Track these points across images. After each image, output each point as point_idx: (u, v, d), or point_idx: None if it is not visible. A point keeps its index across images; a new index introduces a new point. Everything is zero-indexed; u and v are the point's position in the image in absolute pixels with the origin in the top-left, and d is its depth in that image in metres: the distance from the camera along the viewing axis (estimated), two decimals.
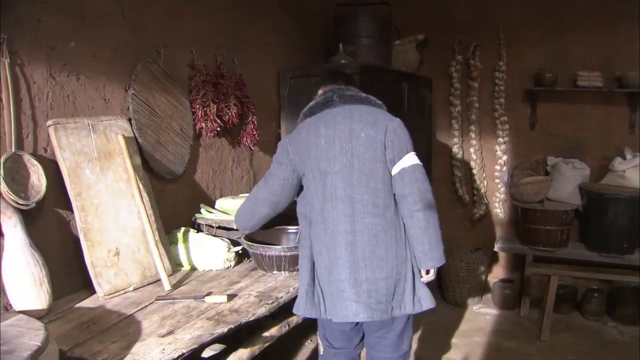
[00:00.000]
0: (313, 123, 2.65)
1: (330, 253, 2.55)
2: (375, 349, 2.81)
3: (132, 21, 2.97)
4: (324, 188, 2.56)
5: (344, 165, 2.53)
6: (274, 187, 2.72)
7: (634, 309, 4.66)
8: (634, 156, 4.72)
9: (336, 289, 2.54)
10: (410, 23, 5.18)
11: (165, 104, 3.18)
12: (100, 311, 2.39)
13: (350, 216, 2.52)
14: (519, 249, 4.98)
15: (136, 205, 2.76)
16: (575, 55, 5.03)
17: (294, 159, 2.64)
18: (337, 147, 2.55)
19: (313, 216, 2.63)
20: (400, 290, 2.57)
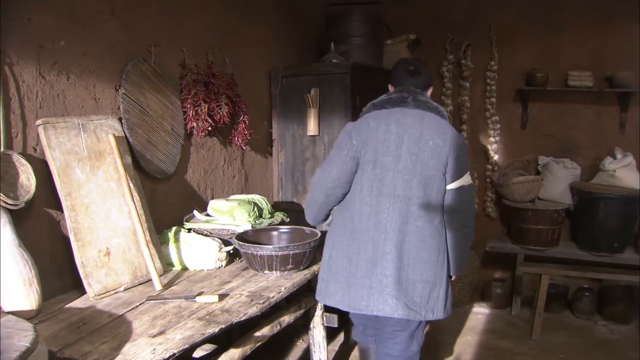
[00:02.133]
0: (384, 117, 2.71)
1: (377, 247, 2.62)
2: (385, 345, 2.88)
3: (122, 20, 2.95)
4: (382, 183, 2.63)
5: (407, 166, 2.62)
6: (331, 173, 2.71)
7: (625, 308, 4.68)
8: (624, 156, 4.73)
9: (378, 282, 2.60)
10: (402, 22, 5.18)
11: (156, 104, 3.16)
12: (90, 311, 2.38)
13: (405, 216, 2.61)
14: (511, 248, 4.98)
15: (127, 205, 2.75)
16: (567, 55, 5.05)
17: (357, 145, 2.68)
18: (405, 147, 2.63)
19: (362, 208, 2.67)
20: (435, 295, 2.66)
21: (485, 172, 5.34)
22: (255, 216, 3.30)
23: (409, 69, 2.90)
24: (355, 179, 2.71)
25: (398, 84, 2.89)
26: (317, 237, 2.99)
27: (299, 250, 2.86)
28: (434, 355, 4.05)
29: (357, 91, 4.03)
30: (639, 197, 4.65)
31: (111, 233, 2.68)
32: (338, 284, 2.70)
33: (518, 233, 4.91)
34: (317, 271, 3.02)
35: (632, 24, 4.82)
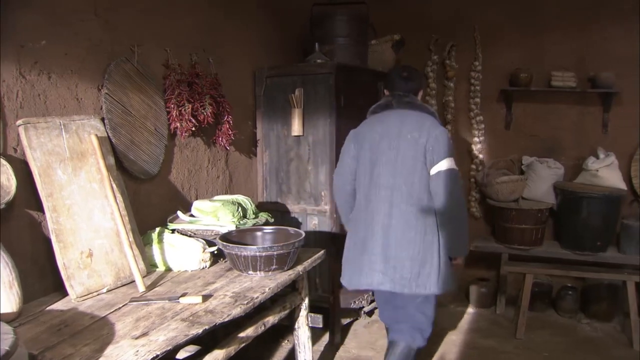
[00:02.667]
0: (373, 121, 3.26)
1: (367, 229, 3.10)
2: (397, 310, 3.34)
3: (105, 19, 2.93)
4: (371, 176, 3.14)
5: (389, 159, 3.09)
6: (344, 173, 3.32)
7: (607, 306, 4.73)
8: (606, 155, 4.78)
9: (368, 260, 3.07)
10: (387, 23, 5.19)
11: (139, 104, 3.14)
12: (72, 313, 2.35)
13: (391, 202, 3.06)
14: (495, 248, 5.01)
15: (110, 206, 2.73)
16: (550, 55, 5.09)
17: (354, 148, 3.25)
18: (386, 143, 3.11)
19: (360, 199, 3.21)
20: (427, 272, 3.02)
21: (470, 171, 5.37)
22: (240, 217, 3.28)
23: (402, 75, 3.34)
24: (358, 177, 3.24)
25: (392, 89, 3.35)
26: (301, 238, 2.97)
27: (283, 250, 2.84)
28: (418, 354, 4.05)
29: (341, 91, 4.03)
30: (621, 197, 4.71)
31: (94, 234, 2.66)
32: (347, 266, 3.25)
33: (502, 232, 4.94)
34: (301, 272, 3.05)
35: (613, 25, 4.88)
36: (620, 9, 4.84)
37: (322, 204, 4.13)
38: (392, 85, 3.35)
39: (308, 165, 4.16)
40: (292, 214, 4.25)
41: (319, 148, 4.10)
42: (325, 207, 4.11)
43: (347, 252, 3.28)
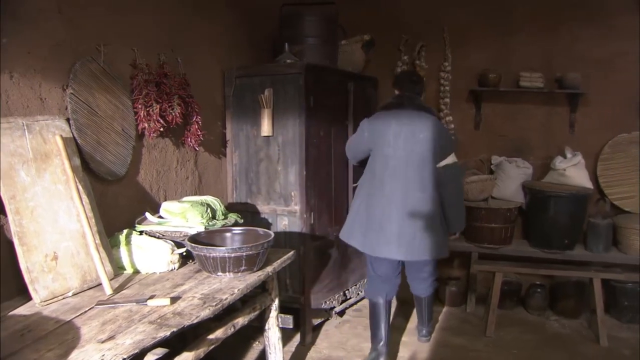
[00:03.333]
0: (388, 117, 3.74)
1: (385, 212, 3.67)
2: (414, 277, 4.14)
3: (69, 17, 2.88)
4: (386, 167, 3.68)
5: (404, 154, 3.65)
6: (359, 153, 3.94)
7: (575, 303, 4.80)
8: (573, 155, 4.85)
9: (386, 237, 3.66)
10: (357, 23, 5.19)
11: (105, 104, 3.10)
12: (36, 318, 2.31)
13: (405, 189, 3.65)
14: (465, 247, 5.05)
15: (75, 208, 2.68)
16: (519, 56, 5.15)
17: (367, 136, 3.77)
18: (402, 141, 3.65)
19: (375, 182, 3.74)
20: (431, 242, 3.68)
21: None
22: (209, 218, 3.26)
23: (412, 78, 4.01)
24: (371, 162, 3.79)
25: (403, 89, 3.92)
26: (270, 238, 2.96)
27: (252, 251, 2.82)
28: (391, 353, 4.07)
29: (311, 91, 4.02)
30: (587, 195, 4.78)
31: (59, 237, 2.61)
32: (359, 233, 3.80)
33: (472, 232, 4.97)
34: (270, 272, 3.03)
35: (580, 27, 4.96)
36: (587, 11, 4.93)
37: (292, 205, 4.11)
38: (403, 86, 3.93)
39: (278, 166, 4.14)
40: (262, 215, 4.23)
41: (288, 148, 4.08)
42: (295, 208, 4.10)
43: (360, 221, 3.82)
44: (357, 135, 3.90)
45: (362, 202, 3.84)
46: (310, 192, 4.11)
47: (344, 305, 4.74)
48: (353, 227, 3.87)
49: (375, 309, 3.91)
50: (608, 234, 4.73)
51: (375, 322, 3.90)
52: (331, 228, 4.45)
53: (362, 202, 3.83)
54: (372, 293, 3.94)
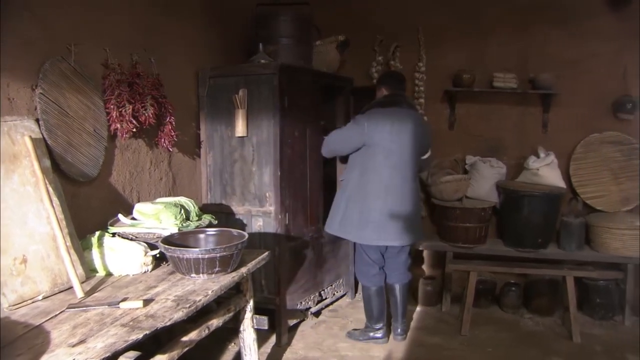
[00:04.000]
0: (386, 114, 4.02)
1: (386, 203, 3.97)
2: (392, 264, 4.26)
3: (39, 16, 2.84)
4: (388, 160, 3.96)
5: (400, 148, 3.98)
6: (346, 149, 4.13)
7: (549, 301, 4.85)
8: (546, 155, 4.91)
9: (389, 226, 3.98)
10: (332, 24, 5.19)
11: (77, 104, 3.06)
12: (4, 323, 2.26)
13: (402, 181, 4.01)
14: (440, 247, 5.08)
15: (45, 210, 2.64)
16: (493, 57, 5.20)
17: (367, 132, 3.95)
18: (401, 137, 3.97)
19: (371, 175, 3.98)
20: (415, 227, 4.11)
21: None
22: (182, 219, 3.23)
23: (399, 78, 4.35)
24: (369, 157, 3.99)
25: (391, 88, 4.20)
26: (244, 239, 2.94)
27: (226, 252, 2.80)
28: (366, 352, 4.08)
29: (285, 92, 4.01)
30: (560, 195, 4.84)
31: (28, 239, 2.56)
32: (352, 225, 4.04)
33: (447, 231, 5.01)
34: (245, 273, 3.02)
35: (553, 28, 5.03)
36: (560, 13, 4.99)
37: (266, 205, 4.10)
38: (393, 85, 4.22)
39: (252, 166, 4.12)
40: (237, 216, 4.21)
41: (263, 149, 4.07)
42: (270, 208, 4.08)
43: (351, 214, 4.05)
44: (349, 129, 4.08)
45: (352, 195, 4.06)
46: (284, 192, 4.09)
47: (320, 306, 4.74)
48: (344, 220, 4.09)
49: (379, 292, 4.24)
50: (580, 232, 4.80)
51: (381, 303, 4.25)
52: (307, 228, 4.45)
53: (352, 195, 4.06)
54: (374, 280, 4.23)
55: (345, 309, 4.97)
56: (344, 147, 4.14)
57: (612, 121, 5.00)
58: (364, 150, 4.02)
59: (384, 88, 4.23)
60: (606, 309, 4.77)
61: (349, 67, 5.37)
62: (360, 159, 4.06)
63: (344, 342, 4.25)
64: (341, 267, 5.04)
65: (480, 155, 5.23)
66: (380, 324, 4.24)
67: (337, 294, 5.00)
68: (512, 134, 5.26)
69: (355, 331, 4.34)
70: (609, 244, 4.64)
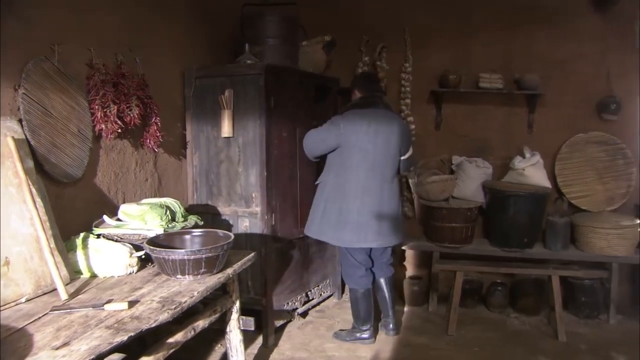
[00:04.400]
0: (363, 114, 4.03)
1: (365, 204, 3.99)
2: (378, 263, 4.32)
3: (22, 15, 2.80)
4: (365, 160, 3.98)
5: (380, 150, 4.00)
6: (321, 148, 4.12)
7: (535, 300, 4.87)
8: (532, 155, 4.93)
9: (368, 227, 4.00)
10: (318, 24, 5.18)
11: (60, 105, 3.03)
12: None
13: (381, 181, 4.03)
14: (426, 247, 5.10)
15: (29, 211, 2.61)
16: (478, 57, 5.22)
17: (343, 133, 3.97)
18: (378, 137, 3.98)
19: (349, 176, 4.00)
20: (398, 228, 4.16)
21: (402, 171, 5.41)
22: (168, 220, 3.21)
23: (371, 78, 4.44)
24: (346, 157, 4.00)
25: (365, 90, 4.21)
26: (230, 240, 2.93)
27: (212, 253, 2.79)
28: (353, 353, 4.08)
29: (271, 92, 4.00)
30: (546, 195, 4.87)
31: (11, 241, 2.54)
32: (329, 227, 4.05)
33: (433, 231, 5.02)
34: (231, 274, 3.00)
35: (538, 29, 5.05)
36: (545, 13, 5.02)
37: (253, 206, 4.09)
38: (366, 87, 4.23)
39: (238, 167, 4.11)
40: (223, 217, 4.19)
41: (249, 149, 4.05)
42: (257, 209, 4.07)
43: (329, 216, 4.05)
44: (326, 130, 4.06)
45: (330, 197, 4.07)
46: (271, 193, 4.08)
47: (307, 307, 4.73)
48: (322, 223, 4.09)
49: (366, 294, 4.21)
50: (566, 232, 4.83)
51: (369, 305, 4.23)
52: (296, 229, 4.44)
53: (330, 197, 4.07)
54: (361, 282, 4.21)
55: (332, 310, 4.97)
56: (318, 147, 4.13)
57: (597, 121, 5.04)
58: (340, 152, 4.03)
59: (357, 91, 4.26)
60: (591, 308, 4.81)
61: (335, 68, 5.36)
62: (337, 160, 4.07)
63: (331, 343, 4.25)
64: (328, 267, 5.04)
65: (467, 155, 5.25)
66: (367, 324, 4.22)
67: (324, 295, 5.00)
68: (498, 134, 5.28)
69: (342, 332, 4.33)
70: (594, 243, 4.68)
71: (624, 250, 4.63)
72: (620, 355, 4.10)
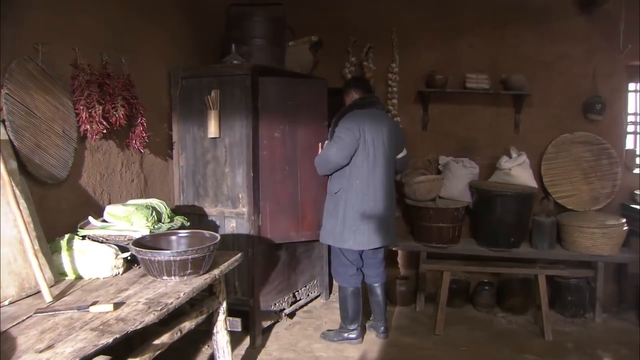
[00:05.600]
0: (364, 115, 4.06)
1: (376, 205, 4.04)
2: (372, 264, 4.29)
3: (5, 14, 2.77)
4: (375, 159, 4.02)
5: (384, 149, 4.07)
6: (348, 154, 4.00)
7: (522, 299, 4.90)
8: (518, 155, 4.96)
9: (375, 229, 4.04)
10: (305, 24, 5.18)
11: (44, 105, 3.00)
12: None
13: (385, 182, 4.10)
14: (414, 247, 5.11)
15: (12, 213, 2.58)
16: (465, 58, 5.25)
17: (361, 134, 3.97)
18: (377, 136, 4.02)
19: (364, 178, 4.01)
20: (393, 228, 4.22)
21: None
22: (154, 221, 3.20)
23: (367, 82, 4.53)
24: (361, 158, 4.00)
25: (363, 91, 4.26)
26: (216, 241, 2.92)
27: (198, 254, 2.78)
28: (340, 353, 4.07)
29: (258, 93, 3.99)
30: (532, 194, 4.89)
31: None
32: (351, 232, 4.03)
33: (420, 231, 5.03)
34: (217, 275, 2.99)
35: (524, 30, 5.08)
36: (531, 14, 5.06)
37: (239, 206, 4.07)
38: (364, 88, 4.30)
39: (225, 168, 4.09)
40: (210, 217, 4.18)
41: (235, 150, 4.04)
42: (243, 210, 4.06)
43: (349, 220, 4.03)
44: (343, 138, 3.96)
45: (348, 202, 4.05)
46: (258, 194, 4.07)
47: (294, 307, 4.72)
48: (343, 230, 4.06)
49: (355, 293, 4.23)
50: (552, 231, 4.86)
51: (357, 304, 4.24)
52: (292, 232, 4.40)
53: (349, 203, 4.05)
54: (351, 281, 4.23)
55: (319, 310, 4.97)
56: (345, 156, 3.99)
57: (582, 122, 5.08)
58: (355, 154, 4.01)
59: (354, 91, 4.27)
60: (577, 307, 4.84)
61: (322, 68, 5.37)
62: (350, 163, 4.03)
63: (318, 343, 4.24)
64: (315, 268, 5.03)
65: (454, 155, 5.26)
66: (355, 324, 4.22)
67: (311, 295, 4.99)
68: (484, 135, 5.30)
69: (329, 332, 4.33)
70: (579, 242, 4.71)
71: (609, 250, 4.67)
72: (606, 353, 4.13)
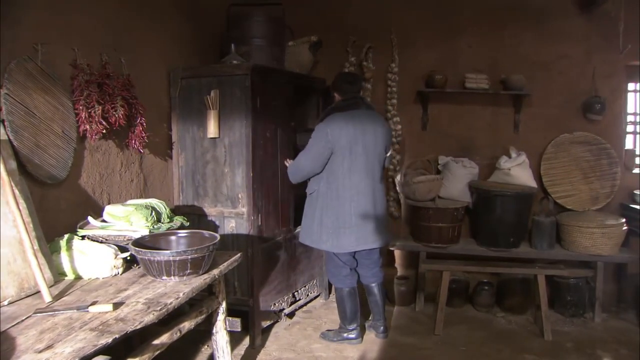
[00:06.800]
0: (347, 117, 3.97)
1: (359, 206, 3.99)
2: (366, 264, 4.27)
3: (4, 14, 2.77)
4: (356, 163, 3.96)
5: (368, 150, 4.00)
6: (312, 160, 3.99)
7: (521, 299, 4.90)
8: (518, 155, 4.96)
9: (362, 230, 4.00)
10: (305, 24, 5.18)
11: (44, 105, 3.00)
12: None
13: (372, 183, 4.04)
14: (413, 247, 5.11)
15: (12, 213, 2.58)
16: (465, 58, 5.25)
17: (331, 139, 3.90)
18: (367, 138, 3.98)
19: (341, 181, 3.96)
20: (384, 229, 4.17)
21: (388, 172, 5.42)
22: (153, 221, 3.20)
23: (349, 79, 4.21)
24: (337, 162, 3.95)
25: (344, 93, 4.11)
26: (215, 241, 2.92)
27: (197, 254, 2.78)
28: (340, 353, 4.07)
29: (257, 93, 3.99)
30: (532, 194, 4.89)
31: None
32: (328, 235, 4.00)
33: (420, 231, 5.03)
34: (217, 275, 2.99)
35: (523, 30, 5.08)
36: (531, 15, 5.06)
37: (239, 207, 4.07)
38: (344, 90, 4.11)
39: (224, 168, 4.09)
40: (209, 217, 4.18)
41: (235, 150, 4.04)
42: (243, 210, 4.06)
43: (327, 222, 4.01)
44: (315, 144, 3.96)
45: (325, 205, 4.03)
46: (257, 193, 4.07)
47: (294, 307, 4.72)
48: (321, 232, 4.05)
49: (352, 293, 4.22)
50: (551, 231, 4.86)
51: (354, 304, 4.23)
52: (278, 229, 4.43)
53: (325, 206, 4.03)
54: (346, 282, 4.20)
55: (319, 310, 4.97)
56: (317, 164, 4.00)
57: (582, 122, 5.08)
58: (331, 158, 3.96)
59: (336, 93, 4.19)
60: (577, 307, 4.84)
61: (322, 68, 5.37)
62: (327, 167, 4.00)
63: (317, 343, 4.24)
64: (315, 268, 5.04)
65: (453, 155, 5.26)
66: (354, 324, 4.22)
67: (310, 295, 4.99)
68: (484, 135, 5.30)
69: (329, 332, 4.33)
70: (579, 242, 4.71)
71: (608, 250, 4.66)
72: (606, 353, 4.13)
